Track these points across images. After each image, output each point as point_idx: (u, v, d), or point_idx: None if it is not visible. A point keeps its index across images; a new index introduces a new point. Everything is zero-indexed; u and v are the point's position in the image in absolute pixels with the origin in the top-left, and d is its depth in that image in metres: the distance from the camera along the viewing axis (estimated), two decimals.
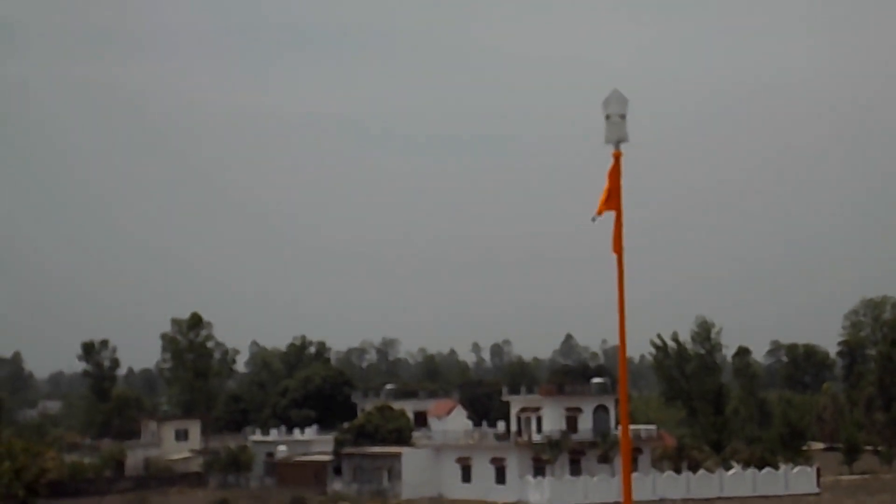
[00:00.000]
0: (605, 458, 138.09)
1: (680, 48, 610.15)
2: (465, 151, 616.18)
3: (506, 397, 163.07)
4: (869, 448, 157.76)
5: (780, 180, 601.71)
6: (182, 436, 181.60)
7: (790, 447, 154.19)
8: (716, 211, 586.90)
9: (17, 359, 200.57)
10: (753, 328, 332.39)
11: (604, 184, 19.22)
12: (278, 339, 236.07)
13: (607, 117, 19.74)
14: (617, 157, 19.37)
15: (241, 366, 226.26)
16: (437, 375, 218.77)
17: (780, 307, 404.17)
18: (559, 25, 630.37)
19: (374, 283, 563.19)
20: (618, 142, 19.15)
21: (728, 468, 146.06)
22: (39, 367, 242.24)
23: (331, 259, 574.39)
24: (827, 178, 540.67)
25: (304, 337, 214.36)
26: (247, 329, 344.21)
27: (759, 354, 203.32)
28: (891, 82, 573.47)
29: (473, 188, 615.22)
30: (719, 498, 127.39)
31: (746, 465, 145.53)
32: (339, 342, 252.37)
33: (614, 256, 18.47)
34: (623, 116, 19.85)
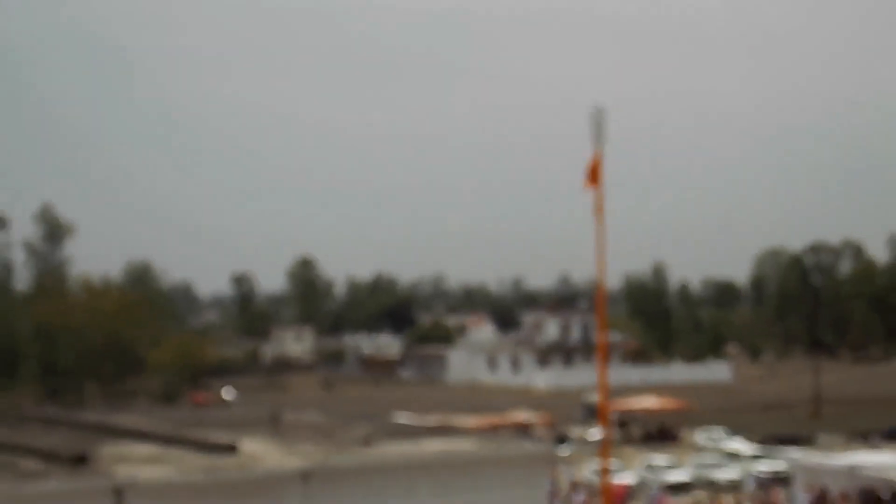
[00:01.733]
0: (588, 357, 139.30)
1: None
2: None
3: (519, 314, 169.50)
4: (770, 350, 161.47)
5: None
6: (299, 338, 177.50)
7: (714, 349, 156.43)
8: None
9: (186, 282, 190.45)
10: (692, 266, 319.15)
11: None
12: (365, 272, 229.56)
13: (592, 125, 25.16)
14: (598, 157, 24.66)
15: (340, 289, 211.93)
16: (473, 300, 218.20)
17: (709, 250, 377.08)
18: None
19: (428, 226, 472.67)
20: (599, 146, 24.64)
21: (672, 362, 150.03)
22: (203, 290, 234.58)
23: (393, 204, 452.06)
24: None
25: (380, 272, 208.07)
26: (343, 262, 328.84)
27: (695, 285, 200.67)
28: None
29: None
30: (666, 382, 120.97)
31: (685, 360, 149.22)
32: (405, 274, 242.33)
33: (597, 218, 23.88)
34: (602, 125, 25.17)
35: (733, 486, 54.43)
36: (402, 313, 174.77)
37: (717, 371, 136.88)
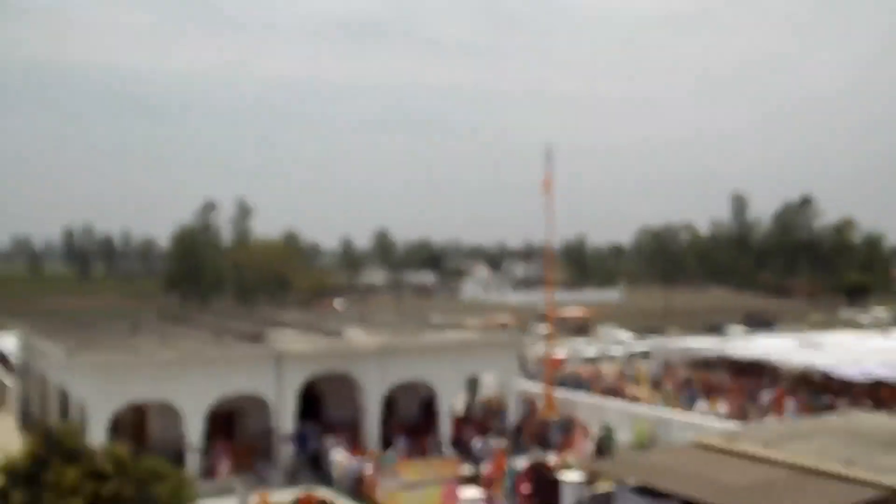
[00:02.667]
0: (540, 286, 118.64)
1: None
2: None
3: (502, 262, 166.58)
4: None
5: None
6: (378, 274, 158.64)
7: (611, 281, 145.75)
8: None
9: (315, 240, 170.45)
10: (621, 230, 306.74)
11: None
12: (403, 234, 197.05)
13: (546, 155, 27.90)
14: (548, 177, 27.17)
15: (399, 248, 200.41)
16: (478, 254, 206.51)
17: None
18: None
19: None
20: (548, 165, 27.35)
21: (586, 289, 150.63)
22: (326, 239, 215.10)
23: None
24: None
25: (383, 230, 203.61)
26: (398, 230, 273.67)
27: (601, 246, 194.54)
28: None
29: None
30: (584, 301, 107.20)
31: (595, 287, 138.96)
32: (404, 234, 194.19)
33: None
34: (550, 160, 27.52)
35: (619, 358, 54.18)
36: (436, 261, 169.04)
37: (612, 294, 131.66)
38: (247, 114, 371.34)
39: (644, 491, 19.33)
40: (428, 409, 31.35)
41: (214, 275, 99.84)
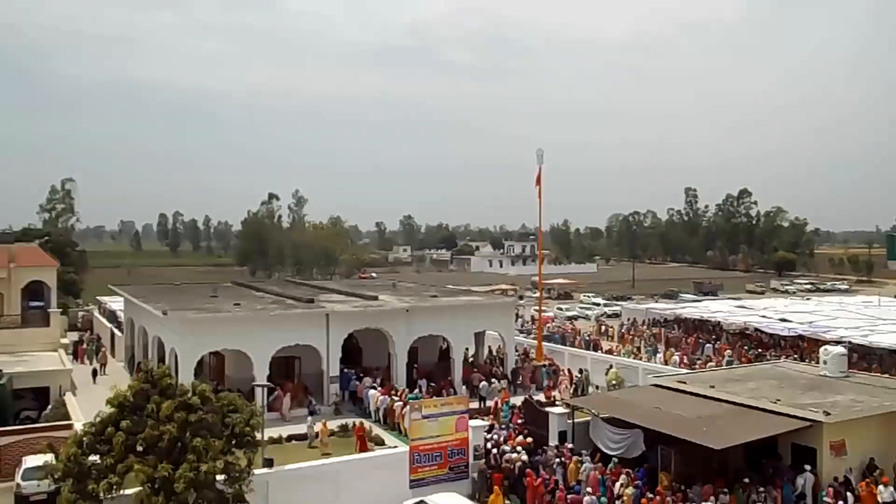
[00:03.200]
0: (533, 260, 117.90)
1: None
2: None
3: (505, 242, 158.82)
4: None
5: None
6: (404, 251, 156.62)
7: (590, 258, 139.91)
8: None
9: (355, 223, 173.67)
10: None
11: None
12: (425, 219, 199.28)
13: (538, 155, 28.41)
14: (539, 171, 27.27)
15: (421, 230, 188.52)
16: (482, 236, 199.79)
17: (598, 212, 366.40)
18: None
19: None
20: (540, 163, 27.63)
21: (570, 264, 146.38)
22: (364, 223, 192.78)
23: None
24: None
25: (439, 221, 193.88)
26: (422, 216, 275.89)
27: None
28: None
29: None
30: (568, 272, 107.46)
31: (577, 263, 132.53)
32: (425, 219, 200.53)
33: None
34: (541, 157, 27.71)
35: (595, 318, 54.09)
36: (450, 241, 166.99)
37: (590, 268, 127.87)
38: (299, 123, 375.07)
39: (613, 421, 19.40)
40: (444, 357, 31.30)
41: (276, 251, 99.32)
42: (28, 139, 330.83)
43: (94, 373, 32.27)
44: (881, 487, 16.68)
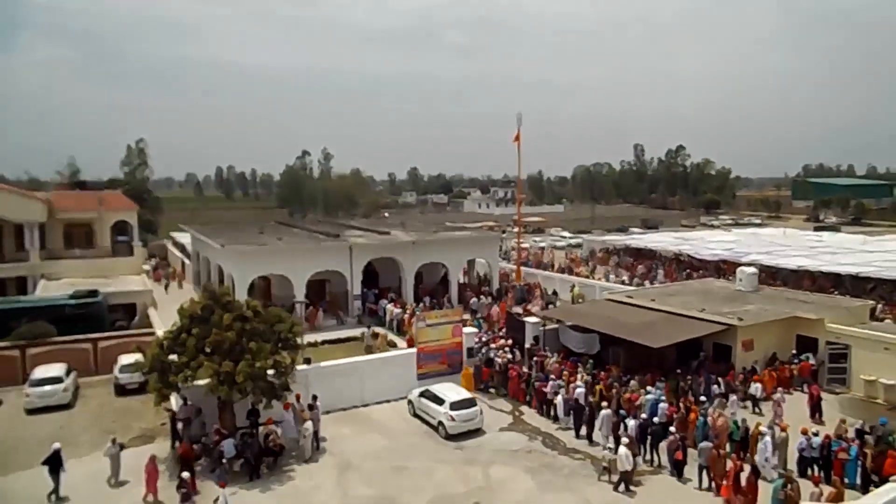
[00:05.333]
0: (513, 202, 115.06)
1: None
2: None
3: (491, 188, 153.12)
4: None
5: None
6: (411, 196, 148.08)
7: (559, 201, 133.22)
8: None
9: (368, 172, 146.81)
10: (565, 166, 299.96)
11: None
12: (427, 170, 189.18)
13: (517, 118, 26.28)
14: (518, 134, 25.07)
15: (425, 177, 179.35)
16: (473, 182, 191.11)
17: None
18: None
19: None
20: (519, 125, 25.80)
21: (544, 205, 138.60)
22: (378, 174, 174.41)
23: None
24: None
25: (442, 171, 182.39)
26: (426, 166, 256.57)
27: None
28: None
29: None
30: (541, 212, 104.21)
31: (548, 204, 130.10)
32: (428, 170, 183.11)
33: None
34: (520, 122, 25.62)
35: (562, 248, 53.90)
36: (448, 188, 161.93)
37: (559, 208, 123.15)
38: (325, 94, 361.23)
39: (576, 328, 19.62)
40: (443, 279, 31.07)
41: (309, 197, 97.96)
42: (115, 104, 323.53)
43: (166, 287, 32.75)
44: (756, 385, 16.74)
